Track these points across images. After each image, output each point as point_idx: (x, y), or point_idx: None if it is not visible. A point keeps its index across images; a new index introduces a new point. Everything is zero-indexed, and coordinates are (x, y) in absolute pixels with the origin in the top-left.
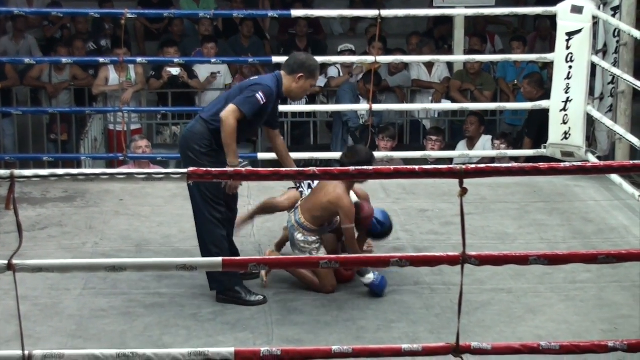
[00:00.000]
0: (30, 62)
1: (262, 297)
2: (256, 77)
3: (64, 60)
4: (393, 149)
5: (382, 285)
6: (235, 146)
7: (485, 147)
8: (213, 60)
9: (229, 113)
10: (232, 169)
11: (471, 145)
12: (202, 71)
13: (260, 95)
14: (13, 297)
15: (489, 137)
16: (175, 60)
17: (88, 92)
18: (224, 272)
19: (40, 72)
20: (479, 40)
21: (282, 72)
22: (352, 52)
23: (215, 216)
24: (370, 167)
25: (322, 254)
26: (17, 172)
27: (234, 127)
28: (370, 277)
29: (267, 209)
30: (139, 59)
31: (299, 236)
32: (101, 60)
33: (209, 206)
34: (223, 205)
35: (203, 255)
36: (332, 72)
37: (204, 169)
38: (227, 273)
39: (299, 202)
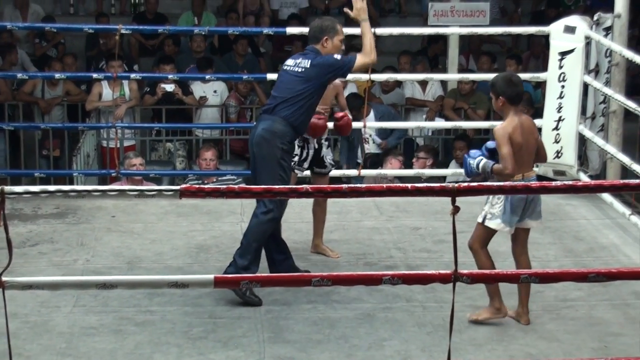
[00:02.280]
0: (23, 77)
1: (258, 300)
2: (308, 59)
3: (57, 75)
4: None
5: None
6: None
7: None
8: (207, 76)
9: (359, 64)
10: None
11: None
12: (198, 89)
13: (337, 56)
14: (2, 314)
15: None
16: (170, 76)
17: (81, 107)
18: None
19: (33, 87)
20: (489, 58)
21: (313, 46)
22: None
23: (273, 211)
24: (363, 186)
25: None
26: (7, 188)
27: (361, 58)
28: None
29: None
30: (132, 75)
31: None
32: (94, 75)
33: (270, 200)
34: (283, 203)
35: (240, 249)
36: None
37: (207, 186)
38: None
39: None
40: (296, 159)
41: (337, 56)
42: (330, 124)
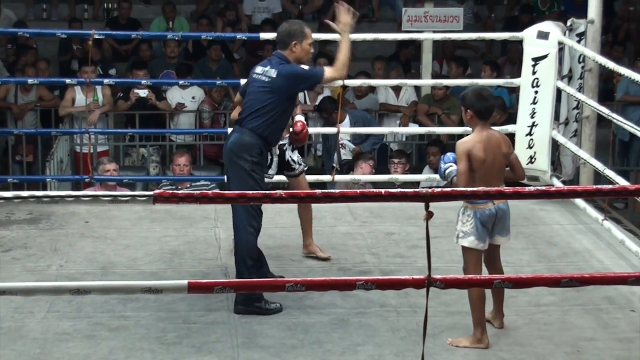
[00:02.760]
0: None
1: (279, 305)
2: (275, 68)
3: (30, 80)
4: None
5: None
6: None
7: None
8: (181, 82)
9: (328, 77)
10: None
11: (437, 170)
12: (176, 95)
13: (304, 66)
14: None
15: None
16: (143, 82)
17: (54, 113)
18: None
19: (6, 93)
20: (456, 64)
21: (281, 52)
22: None
23: (253, 226)
24: (337, 191)
25: None
26: None
27: (331, 74)
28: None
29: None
30: (105, 80)
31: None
32: (68, 81)
33: (250, 215)
34: (261, 215)
35: (237, 266)
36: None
37: (181, 192)
38: None
39: None
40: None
41: (305, 67)
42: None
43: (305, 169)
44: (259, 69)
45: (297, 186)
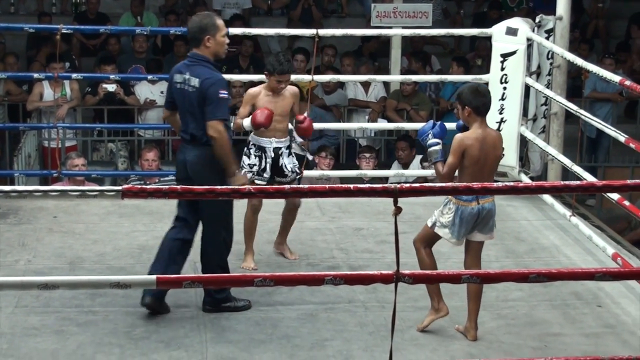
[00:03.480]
0: None
1: (247, 302)
2: (197, 76)
3: None
4: (332, 168)
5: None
6: (232, 157)
7: (419, 167)
8: (149, 77)
9: (215, 130)
10: (239, 183)
11: (406, 167)
12: (145, 90)
13: (222, 94)
14: None
15: (421, 156)
16: (111, 76)
17: (22, 107)
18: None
19: None
20: (419, 63)
21: (195, 50)
22: None
23: (225, 238)
24: (306, 186)
25: None
26: None
27: (226, 138)
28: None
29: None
30: (73, 75)
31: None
32: (35, 75)
33: (222, 227)
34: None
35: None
36: None
37: (149, 187)
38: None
39: None
40: (255, 169)
41: (222, 94)
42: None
43: (299, 177)
44: (178, 77)
45: None
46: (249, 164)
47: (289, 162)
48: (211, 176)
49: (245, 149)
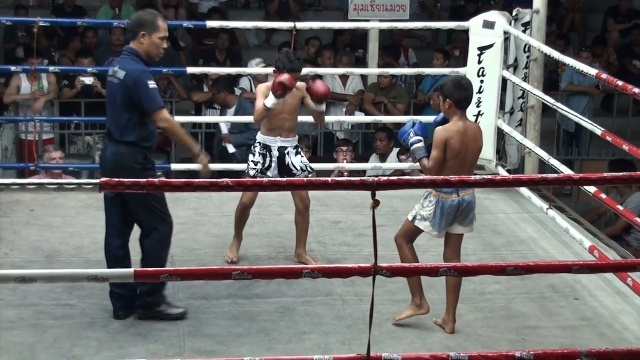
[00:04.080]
0: None
1: (183, 310)
2: (123, 69)
3: None
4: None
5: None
6: (188, 137)
7: (396, 160)
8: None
9: (161, 119)
10: (202, 163)
11: (383, 158)
12: None
13: (151, 84)
14: None
15: (398, 149)
16: (89, 69)
17: None
18: (150, 288)
19: None
20: (391, 57)
21: (130, 46)
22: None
23: (162, 231)
24: (284, 179)
25: None
26: None
27: (175, 122)
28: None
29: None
30: (50, 68)
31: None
32: (13, 68)
33: (158, 222)
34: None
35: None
36: (244, 83)
37: (116, 179)
38: (153, 288)
39: None
40: (259, 166)
41: (152, 85)
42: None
43: (310, 175)
44: (110, 70)
45: (295, 193)
46: (253, 161)
47: (297, 161)
48: (126, 176)
49: (252, 146)
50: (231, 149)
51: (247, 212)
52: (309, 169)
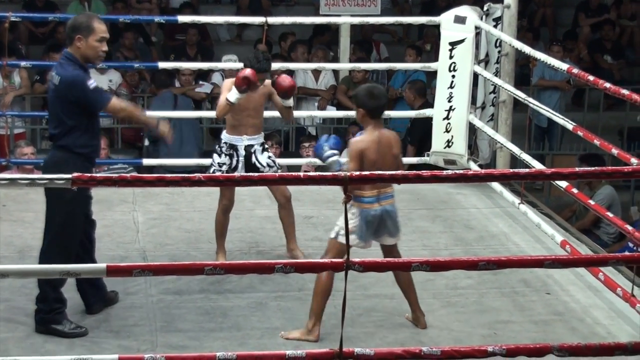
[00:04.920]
0: None
1: (84, 330)
2: (59, 75)
3: None
4: (278, 156)
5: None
6: (140, 113)
7: None
8: (98, 65)
9: (113, 110)
10: (165, 130)
11: None
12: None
13: (91, 84)
14: None
15: None
16: None
17: None
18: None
19: None
20: (363, 52)
21: (68, 50)
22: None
23: (64, 248)
24: (256, 174)
25: None
26: None
27: (124, 106)
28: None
29: None
30: (22, 63)
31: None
32: None
33: (60, 237)
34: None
35: (39, 284)
36: (216, 78)
37: (88, 174)
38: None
39: None
40: (224, 167)
41: (91, 84)
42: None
43: (279, 171)
44: (49, 75)
45: (275, 189)
46: (218, 163)
47: (263, 158)
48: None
49: (217, 146)
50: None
51: (228, 216)
52: (274, 165)
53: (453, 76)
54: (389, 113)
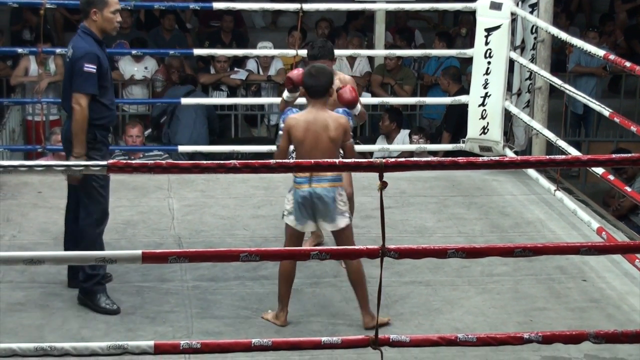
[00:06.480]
0: None
1: (116, 307)
2: (72, 48)
3: None
4: None
5: None
6: (84, 136)
7: (404, 142)
8: (134, 52)
9: (76, 102)
10: (78, 161)
11: (390, 140)
12: (128, 68)
13: (88, 67)
14: None
15: (407, 131)
16: None
17: (6, 82)
18: (92, 275)
19: None
20: (404, 42)
21: (84, 24)
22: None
23: (96, 215)
24: (292, 161)
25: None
26: None
27: (85, 114)
28: None
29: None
30: (57, 50)
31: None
32: (19, 50)
33: (91, 199)
34: (106, 201)
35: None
36: (251, 65)
37: (124, 161)
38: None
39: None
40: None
41: (87, 67)
42: None
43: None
44: (67, 50)
45: None
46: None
47: None
48: (71, 151)
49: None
50: None
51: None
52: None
53: (489, 62)
54: (424, 99)
